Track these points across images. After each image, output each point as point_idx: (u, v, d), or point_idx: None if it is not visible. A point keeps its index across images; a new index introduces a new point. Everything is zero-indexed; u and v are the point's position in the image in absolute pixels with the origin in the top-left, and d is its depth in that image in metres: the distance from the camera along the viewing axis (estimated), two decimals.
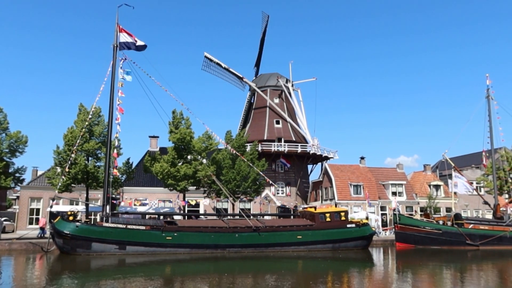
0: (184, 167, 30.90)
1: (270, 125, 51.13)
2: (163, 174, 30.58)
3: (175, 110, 32.35)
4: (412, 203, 45.56)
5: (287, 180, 49.22)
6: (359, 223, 30.31)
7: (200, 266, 21.29)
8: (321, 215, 28.95)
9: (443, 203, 45.84)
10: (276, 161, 48.66)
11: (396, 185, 46.11)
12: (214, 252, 25.92)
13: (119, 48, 27.59)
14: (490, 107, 37.25)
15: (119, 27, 27.57)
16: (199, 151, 31.53)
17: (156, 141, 45.11)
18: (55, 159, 30.05)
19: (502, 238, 32.46)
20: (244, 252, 26.24)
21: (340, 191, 43.75)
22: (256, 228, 26.95)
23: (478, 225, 33.39)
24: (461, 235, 32.00)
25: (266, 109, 51.86)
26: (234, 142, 34.28)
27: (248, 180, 33.23)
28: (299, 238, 27.72)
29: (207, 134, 32.56)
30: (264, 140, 48.97)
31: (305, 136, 51.33)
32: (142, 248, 24.76)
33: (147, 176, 38.99)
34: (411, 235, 32.04)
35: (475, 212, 47.32)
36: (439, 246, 31.60)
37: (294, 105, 52.16)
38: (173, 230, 25.78)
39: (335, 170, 45.92)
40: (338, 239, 28.65)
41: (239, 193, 33.75)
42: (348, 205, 42.02)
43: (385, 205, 44.41)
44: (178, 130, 31.26)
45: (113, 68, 27.24)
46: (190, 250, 25.58)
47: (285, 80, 52.95)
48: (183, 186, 31.09)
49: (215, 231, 26.39)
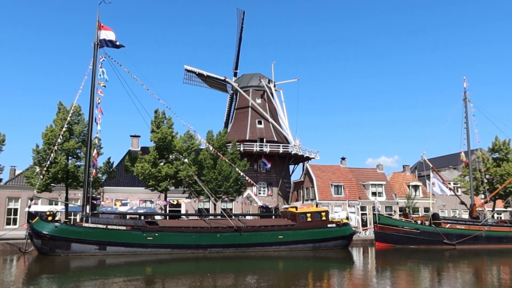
0: (166, 167, 30.71)
1: (252, 125, 51.26)
2: (145, 175, 30.33)
3: (157, 109, 32.14)
4: (391, 203, 46.43)
5: (269, 180, 49.46)
6: (340, 223, 30.74)
7: (181, 267, 21.23)
8: (302, 215, 29.24)
9: (421, 203, 46.88)
10: (258, 161, 48.84)
11: (376, 185, 46.91)
12: (196, 252, 25.87)
13: (100, 46, 27.24)
14: (467, 109, 38.36)
15: (99, 24, 27.21)
16: (180, 151, 31.39)
17: (138, 140, 44.63)
18: (34, 158, 29.42)
19: (477, 237, 33.46)
20: (226, 252, 26.29)
21: (321, 191, 44.24)
22: (238, 228, 27.02)
23: (455, 225, 34.32)
24: (438, 235, 32.82)
25: (249, 109, 51.98)
26: (215, 142, 34.22)
27: (229, 180, 33.27)
28: (280, 238, 27.94)
29: (188, 134, 32.45)
30: (247, 140, 49.07)
31: (287, 136, 51.68)
32: (123, 248, 24.51)
33: (128, 176, 38.54)
34: (390, 235, 32.68)
35: (452, 212, 48.56)
36: (417, 245, 32.33)
37: (276, 106, 52.45)
38: (154, 230, 25.61)
39: (316, 170, 46.40)
40: (319, 239, 29.00)
41: (220, 193, 33.75)
42: (329, 205, 42.52)
43: (365, 205, 45.14)
44: (160, 129, 31.05)
45: (94, 66, 26.87)
46: (171, 250, 25.46)
47: (267, 80, 53.19)
48: (164, 187, 30.91)
49: (196, 231, 26.34)
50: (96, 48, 27.10)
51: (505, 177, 38.54)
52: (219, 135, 35.48)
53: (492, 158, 41.13)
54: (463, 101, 38.82)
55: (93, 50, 27.11)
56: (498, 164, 39.78)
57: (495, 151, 40.77)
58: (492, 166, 40.00)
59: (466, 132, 38.06)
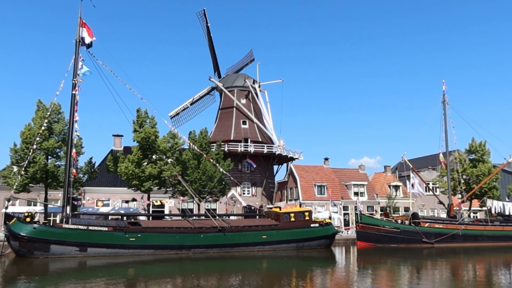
0: (149, 167, 30.43)
1: (237, 125, 51.25)
2: (128, 175, 29.97)
3: (139, 108, 31.78)
4: (373, 203, 47.16)
5: (253, 181, 49.55)
6: (323, 223, 31.06)
7: (164, 268, 21.07)
8: (285, 215, 29.42)
9: (401, 203, 47.78)
10: (242, 161, 48.86)
11: (358, 185, 47.57)
12: (179, 253, 25.71)
13: (82, 44, 26.76)
14: (445, 112, 39.29)
15: (81, 21, 26.75)
16: (164, 151, 31.14)
17: (120, 140, 44.06)
18: (12, 158, 28.70)
19: (454, 236, 34.33)
20: (209, 253, 26.22)
21: (305, 191, 44.58)
22: (222, 228, 26.99)
23: (433, 224, 35.13)
24: (417, 234, 33.53)
25: (233, 109, 51.93)
26: (198, 142, 34.06)
27: (213, 180, 33.19)
28: (264, 238, 28.04)
29: (172, 134, 32.21)
30: (231, 140, 49.04)
31: (271, 137, 51.86)
32: (104, 250, 24.15)
33: (110, 176, 37.99)
34: (372, 234, 33.22)
35: (431, 211, 49.65)
36: (397, 244, 32.97)
37: (261, 106, 52.57)
38: (136, 231, 25.32)
39: (300, 170, 46.75)
40: (302, 239, 29.23)
41: (204, 193, 33.64)
42: (312, 205, 42.90)
43: (348, 204, 45.72)
44: (143, 129, 30.73)
45: (75, 63, 26.38)
46: (154, 251, 25.23)
47: (252, 81, 53.24)
48: (147, 187, 30.61)
49: (180, 232, 26.18)
50: (77, 45, 26.61)
51: (480, 177, 39.66)
52: (201, 134, 35.37)
53: (468, 159, 42.24)
54: (441, 103, 39.75)
55: (74, 48, 26.62)
56: (474, 165, 40.87)
57: (471, 152, 41.89)
58: (469, 167, 41.09)
59: (444, 134, 39.00)
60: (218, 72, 53.68)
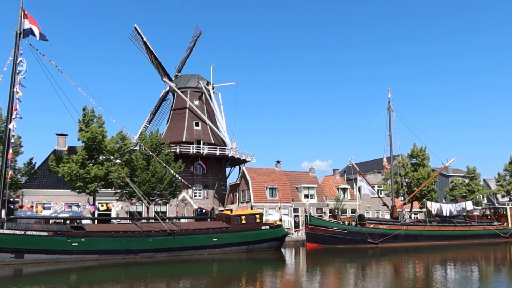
0: (95, 168, 29.09)
1: (189, 126, 50.48)
2: (71, 176, 28.42)
3: (85, 107, 30.28)
4: (322, 205, 48.49)
5: (205, 183, 49.03)
6: (273, 225, 31.41)
7: (109, 273, 20.23)
8: (237, 218, 29.42)
9: (349, 205, 49.57)
10: (194, 163, 48.21)
11: (308, 188, 48.69)
12: (126, 257, 24.81)
13: (23, 36, 25.04)
14: (390, 118, 41.37)
15: (23, 12, 25.04)
16: (112, 152, 29.93)
17: (65, 139, 41.75)
18: None
19: (397, 236, 36.14)
20: (158, 257, 25.56)
21: (256, 193, 44.88)
22: (171, 231, 26.44)
23: (378, 225, 36.75)
24: (363, 234, 34.90)
25: (186, 110, 51.12)
26: (148, 142, 33.11)
27: (163, 182, 32.39)
28: (214, 240, 27.82)
29: (121, 134, 31.05)
30: (183, 142, 48.23)
31: (224, 139, 51.67)
32: (44, 256, 22.77)
33: (52, 177, 35.85)
34: (320, 235, 34.09)
35: (376, 213, 52.00)
36: (344, 245, 34.09)
37: (214, 108, 52.22)
38: (80, 235, 24.11)
39: (252, 173, 47.00)
40: (252, 241, 29.35)
41: (154, 195, 32.73)
42: (264, 207, 43.27)
43: (298, 207, 46.62)
44: (89, 128, 29.34)
45: (15, 57, 24.60)
46: (99, 256, 24.15)
47: (206, 82, 52.76)
48: (93, 188, 29.24)
49: (127, 236, 25.29)
50: (18, 38, 24.84)
51: (421, 180, 42.20)
52: (151, 134, 34.42)
53: (410, 164, 44.80)
54: (387, 110, 41.83)
55: (14, 40, 24.83)
56: (416, 169, 43.43)
57: (413, 157, 44.47)
58: (411, 170, 43.59)
59: (389, 139, 41.02)
60: (168, 76, 52.69)
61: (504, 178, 50.64)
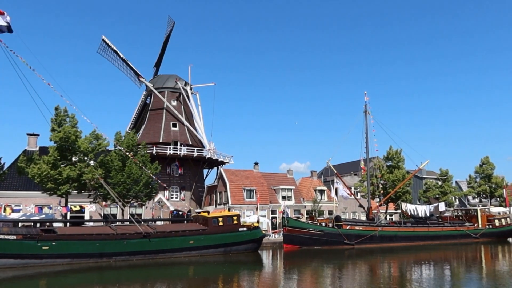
0: (68, 169, 28.20)
1: (166, 127, 49.78)
2: (42, 177, 27.43)
3: (58, 106, 29.35)
4: (299, 206, 48.70)
5: (182, 184, 48.43)
6: (250, 227, 31.26)
7: (81, 278, 19.59)
8: (214, 220, 29.12)
9: (326, 207, 49.98)
10: (171, 164, 47.55)
11: (286, 189, 48.80)
12: (99, 261, 24.12)
13: None
14: (367, 121, 41.97)
15: None
16: (85, 152, 29.10)
17: (36, 139, 40.39)
18: None
19: (372, 237, 36.64)
20: (133, 260, 24.97)
21: (234, 195, 44.63)
22: (147, 234, 25.88)
23: (354, 226, 37.16)
24: (340, 236, 35.21)
25: (163, 111, 50.39)
26: (124, 143, 32.39)
27: (139, 183, 31.73)
28: (191, 243, 27.43)
29: (95, 134, 30.24)
30: (160, 142, 47.51)
31: (202, 140, 51.22)
32: (12, 260, 21.86)
33: (22, 179, 34.58)
34: (297, 237, 34.16)
35: (352, 214, 52.62)
36: (321, 246, 34.27)
37: (192, 109, 51.70)
38: (51, 239, 23.26)
39: (230, 175, 46.74)
40: (229, 243, 29.10)
41: (129, 197, 32.01)
42: (241, 209, 43.03)
43: (276, 208, 46.67)
44: (62, 128, 28.43)
45: None
46: (71, 260, 23.39)
47: (183, 82, 52.18)
48: (65, 190, 28.32)
49: (100, 239, 24.58)
50: None
51: (396, 182, 43.03)
52: (128, 135, 33.69)
53: (386, 166, 45.61)
54: (363, 113, 42.42)
55: None
56: (391, 171, 44.26)
57: (388, 159, 45.30)
58: (386, 172, 44.38)
59: (366, 142, 41.58)
60: (155, 72, 51.95)
61: (475, 180, 52.30)
